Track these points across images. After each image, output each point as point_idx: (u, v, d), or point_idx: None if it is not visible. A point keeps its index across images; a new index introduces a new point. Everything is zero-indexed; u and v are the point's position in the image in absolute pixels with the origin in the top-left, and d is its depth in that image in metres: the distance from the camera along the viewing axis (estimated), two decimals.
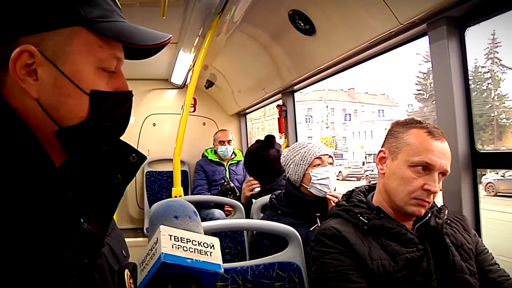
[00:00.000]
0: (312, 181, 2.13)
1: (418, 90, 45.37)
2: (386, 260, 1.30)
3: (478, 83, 34.37)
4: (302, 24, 2.45)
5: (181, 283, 0.62)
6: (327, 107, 56.22)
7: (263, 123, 58.20)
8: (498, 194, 14.71)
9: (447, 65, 1.75)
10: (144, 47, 0.76)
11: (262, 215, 2.37)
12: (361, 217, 1.39)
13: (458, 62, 1.76)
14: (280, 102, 3.87)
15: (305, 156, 2.17)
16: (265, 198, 2.43)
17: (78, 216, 0.75)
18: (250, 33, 3.12)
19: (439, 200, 1.58)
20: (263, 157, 2.87)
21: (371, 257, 1.30)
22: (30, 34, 0.69)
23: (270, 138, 2.96)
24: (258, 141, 3.03)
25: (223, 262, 1.59)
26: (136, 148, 0.84)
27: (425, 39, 1.87)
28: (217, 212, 3.77)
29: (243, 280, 1.57)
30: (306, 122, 56.09)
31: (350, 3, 2.07)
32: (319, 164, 2.16)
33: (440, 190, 1.42)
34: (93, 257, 0.77)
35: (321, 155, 2.17)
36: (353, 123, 56.43)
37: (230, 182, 3.89)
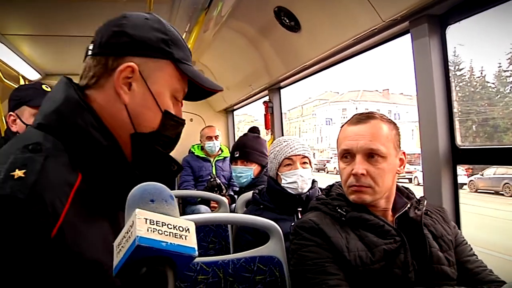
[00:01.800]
0: (282, 183, 2.14)
1: None
2: (363, 251, 1.31)
3: (501, 86, 34.43)
4: (287, 21, 2.47)
5: (156, 265, 0.62)
6: (356, 108, 56.19)
7: (299, 123, 62.63)
8: (478, 190, 15.70)
9: (429, 62, 1.78)
10: (209, 89, 1.00)
11: (245, 209, 2.38)
12: (339, 210, 1.40)
13: (439, 60, 1.79)
14: (266, 98, 3.88)
15: (277, 156, 2.16)
16: (249, 194, 2.44)
17: None
18: (237, 29, 3.13)
19: (420, 194, 1.61)
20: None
21: (348, 249, 1.31)
22: (136, 56, 0.90)
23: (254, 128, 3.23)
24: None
25: (207, 256, 1.60)
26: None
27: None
28: (203, 208, 3.78)
29: (224, 273, 1.58)
30: (327, 124, 56.66)
31: (333, 0, 2.08)
32: (289, 165, 2.15)
33: (419, 184, 1.43)
34: None
35: (292, 155, 2.15)
36: None
37: (216, 179, 3.91)
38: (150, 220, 0.63)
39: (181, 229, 0.66)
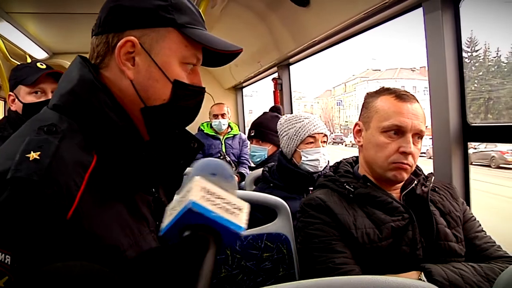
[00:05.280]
0: (302, 160, 2.12)
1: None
2: (371, 228, 1.30)
3: None
4: None
5: (200, 231, 0.63)
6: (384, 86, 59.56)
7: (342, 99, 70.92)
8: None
9: (441, 37, 1.73)
10: (220, 51, 0.94)
11: (255, 187, 2.37)
12: (347, 186, 1.39)
13: (452, 35, 1.74)
14: (275, 75, 3.84)
15: (299, 132, 2.13)
16: (259, 171, 2.43)
17: (153, 185, 0.95)
18: (245, 3, 3.08)
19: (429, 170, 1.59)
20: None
21: (356, 226, 1.30)
22: (135, 29, 0.88)
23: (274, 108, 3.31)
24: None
25: None
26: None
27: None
28: None
29: (232, 250, 1.59)
30: (338, 105, 59.24)
31: None
32: (311, 143, 2.13)
33: (431, 157, 1.40)
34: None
35: (315, 133, 2.13)
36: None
37: (226, 156, 3.91)
38: (207, 190, 0.65)
39: (234, 206, 0.66)
